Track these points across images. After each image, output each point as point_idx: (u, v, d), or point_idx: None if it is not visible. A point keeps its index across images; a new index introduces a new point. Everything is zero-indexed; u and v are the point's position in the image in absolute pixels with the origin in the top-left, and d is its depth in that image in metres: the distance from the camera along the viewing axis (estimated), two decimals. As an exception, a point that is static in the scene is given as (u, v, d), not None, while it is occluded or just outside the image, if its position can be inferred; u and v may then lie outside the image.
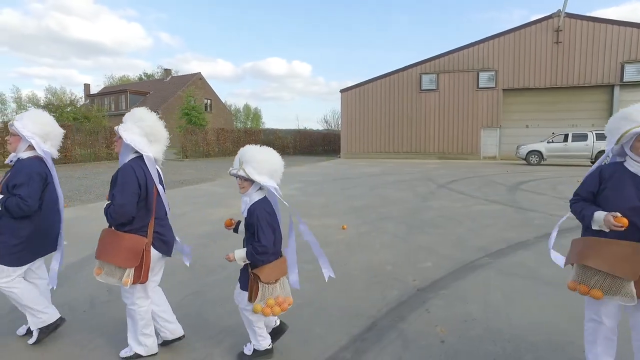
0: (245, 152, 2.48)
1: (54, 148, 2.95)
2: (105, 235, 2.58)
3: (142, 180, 2.52)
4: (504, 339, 2.92)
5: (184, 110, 28.43)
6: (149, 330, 2.67)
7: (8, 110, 40.80)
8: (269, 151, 2.53)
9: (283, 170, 2.58)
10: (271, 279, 2.45)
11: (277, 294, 2.48)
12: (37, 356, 2.73)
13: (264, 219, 2.42)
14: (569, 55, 23.25)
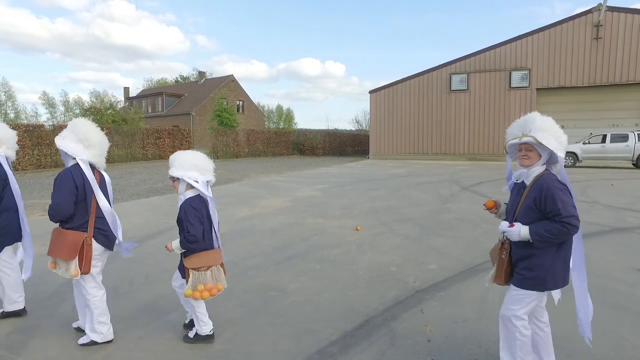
0: (172, 156, 2.91)
1: (10, 150, 3.39)
2: (53, 234, 2.95)
3: (79, 183, 2.83)
4: (489, 340, 3.01)
5: (215, 112, 29.33)
6: (104, 319, 2.96)
7: (57, 113, 43.44)
8: (193, 152, 2.99)
9: (212, 167, 3.00)
10: (197, 266, 2.81)
11: (207, 281, 2.83)
12: (66, 338, 3.08)
13: (190, 213, 2.79)
14: (610, 51, 22.18)
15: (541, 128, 2.29)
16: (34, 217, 7.82)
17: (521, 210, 2.34)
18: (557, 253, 2.28)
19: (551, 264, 2.27)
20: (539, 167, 2.35)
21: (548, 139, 2.26)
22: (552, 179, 2.27)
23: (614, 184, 12.61)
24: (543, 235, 2.20)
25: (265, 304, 3.73)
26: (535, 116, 2.36)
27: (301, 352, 2.85)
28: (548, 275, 2.28)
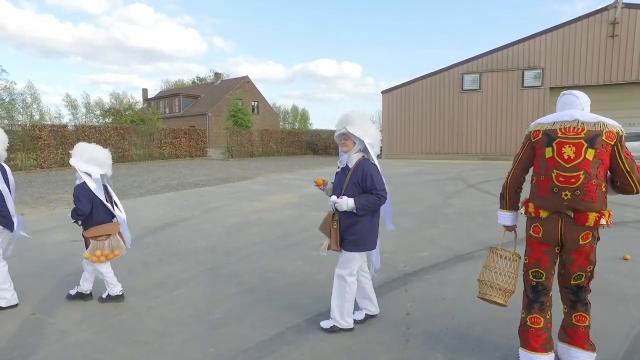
0: (76, 147, 3.56)
1: None
2: None
3: None
4: (462, 315, 3.32)
5: (230, 113, 29.97)
6: (7, 286, 3.44)
7: (79, 114, 44.89)
8: (95, 147, 3.56)
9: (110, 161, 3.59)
10: (95, 235, 3.47)
11: (105, 248, 3.48)
12: (88, 306, 3.52)
13: (81, 193, 3.41)
14: (627, 49, 21.89)
15: (353, 122, 2.91)
16: (60, 209, 8.39)
17: (347, 186, 2.94)
18: (373, 219, 2.98)
19: (369, 228, 2.96)
20: (357, 154, 2.99)
21: (358, 131, 2.90)
22: (369, 163, 2.94)
23: (622, 182, 12.59)
24: (364, 204, 2.86)
25: (264, 283, 4.11)
26: (351, 113, 2.99)
27: (290, 321, 3.22)
28: (367, 237, 2.96)
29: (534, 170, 2.44)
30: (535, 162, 2.42)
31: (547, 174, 2.32)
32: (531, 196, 2.44)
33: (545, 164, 2.34)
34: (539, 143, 2.38)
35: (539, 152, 2.38)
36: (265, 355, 2.71)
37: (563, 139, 2.30)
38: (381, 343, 2.87)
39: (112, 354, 2.75)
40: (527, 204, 2.46)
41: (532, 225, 2.44)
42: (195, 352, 2.76)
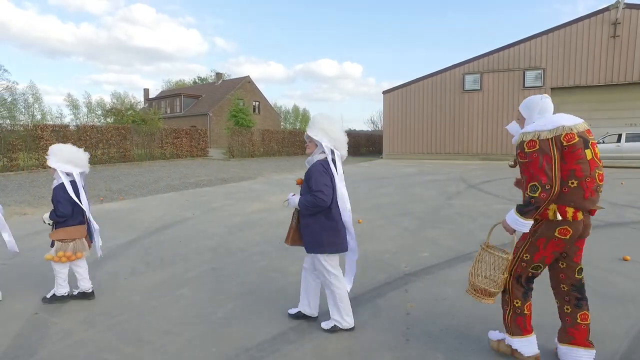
0: (51, 148, 3.56)
1: None
2: None
3: None
4: (463, 314, 3.34)
5: (232, 113, 30.01)
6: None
7: (80, 114, 44.93)
8: (70, 147, 3.61)
9: (87, 160, 3.65)
10: (61, 238, 3.50)
11: (68, 250, 3.52)
12: (92, 305, 3.55)
13: (59, 195, 3.47)
14: (628, 49, 21.88)
15: (313, 126, 3.01)
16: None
17: (302, 186, 3.08)
18: (325, 221, 2.95)
19: (321, 230, 2.93)
20: (320, 155, 3.02)
21: (318, 134, 2.98)
22: (318, 164, 2.97)
23: (623, 183, 12.60)
24: (303, 204, 2.94)
25: (266, 283, 4.14)
26: (314, 116, 3.08)
27: (292, 321, 3.25)
28: (320, 238, 2.94)
29: (573, 173, 2.34)
30: (574, 166, 2.34)
31: (591, 175, 2.35)
32: (569, 200, 2.36)
33: (588, 166, 2.34)
34: (575, 146, 2.34)
35: (577, 156, 2.34)
36: (267, 354, 2.73)
37: (592, 140, 2.43)
38: (382, 343, 2.89)
39: (116, 353, 2.78)
40: (564, 209, 2.37)
41: (557, 228, 2.39)
42: (198, 351, 2.79)
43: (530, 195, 2.34)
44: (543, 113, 2.50)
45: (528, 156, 2.37)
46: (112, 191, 11.11)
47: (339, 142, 3.04)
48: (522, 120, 2.62)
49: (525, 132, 2.43)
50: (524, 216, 2.39)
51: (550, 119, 2.42)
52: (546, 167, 2.32)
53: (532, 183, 2.34)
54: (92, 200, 9.63)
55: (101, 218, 7.44)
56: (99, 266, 4.68)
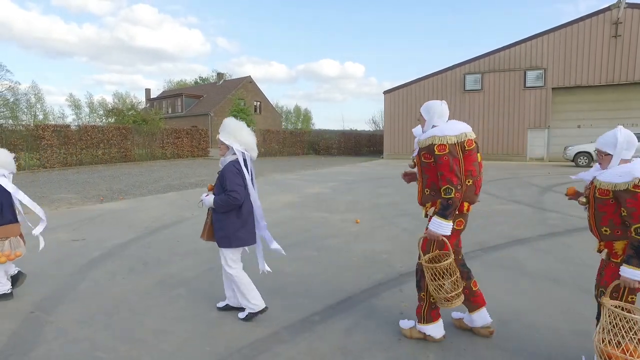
0: None
1: None
2: None
3: None
4: (457, 314, 3.35)
5: (232, 113, 30.04)
6: None
7: (82, 114, 45.09)
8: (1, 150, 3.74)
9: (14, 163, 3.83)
10: None
11: (6, 249, 3.61)
12: (88, 305, 3.58)
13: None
14: (630, 49, 21.83)
15: (225, 130, 3.20)
16: (62, 209, 8.47)
17: (216, 186, 3.24)
18: (236, 219, 3.15)
19: (231, 226, 3.14)
20: (230, 157, 3.21)
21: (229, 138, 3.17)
22: (231, 165, 3.17)
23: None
24: (218, 203, 3.10)
25: (262, 282, 4.14)
26: (225, 122, 3.26)
27: (287, 320, 3.27)
28: (231, 234, 3.14)
29: (470, 174, 2.70)
30: (471, 167, 2.69)
31: (480, 175, 2.77)
32: (466, 196, 2.71)
33: (478, 168, 2.75)
34: (472, 151, 2.70)
35: (473, 158, 2.70)
36: (259, 353, 2.76)
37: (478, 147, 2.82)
38: (375, 342, 2.91)
39: (110, 351, 2.80)
40: (462, 204, 2.73)
41: (457, 220, 2.75)
42: (192, 350, 2.81)
43: (447, 197, 2.60)
44: (441, 117, 2.79)
45: (438, 159, 2.64)
46: (112, 191, 11.16)
47: (249, 145, 3.26)
48: (423, 121, 2.88)
49: (434, 135, 2.67)
50: (446, 219, 2.63)
51: (454, 125, 2.71)
52: (456, 169, 2.60)
53: (445, 186, 2.59)
54: (92, 200, 9.68)
55: (101, 218, 7.48)
56: (96, 265, 4.72)
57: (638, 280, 2.18)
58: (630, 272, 2.18)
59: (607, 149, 2.34)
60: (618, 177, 2.24)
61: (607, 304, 2.21)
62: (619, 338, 2.12)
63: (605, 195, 2.29)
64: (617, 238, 2.31)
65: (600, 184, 2.32)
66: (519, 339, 2.95)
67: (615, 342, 2.14)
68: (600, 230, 2.37)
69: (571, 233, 6.25)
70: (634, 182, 2.17)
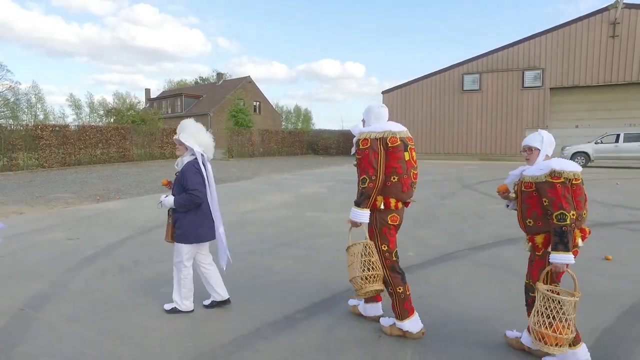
0: None
1: None
2: None
3: None
4: (440, 313, 3.41)
5: (231, 113, 30.11)
6: None
7: (83, 114, 45.15)
8: None
9: None
10: None
11: None
12: (77, 302, 3.65)
13: None
14: (627, 49, 21.84)
15: (183, 131, 3.31)
16: (58, 208, 8.54)
17: (175, 186, 3.37)
18: (196, 216, 3.27)
19: (192, 223, 3.27)
20: (188, 157, 3.34)
21: (188, 139, 3.28)
22: (190, 165, 3.29)
23: (618, 183, 12.62)
24: (180, 202, 3.23)
25: (251, 280, 4.22)
26: (184, 123, 3.38)
27: (271, 317, 3.33)
28: (191, 231, 3.27)
29: (394, 170, 2.84)
30: (395, 164, 2.84)
31: (407, 173, 2.88)
32: (391, 192, 2.87)
33: (405, 166, 2.87)
34: (397, 148, 2.85)
35: (399, 156, 2.86)
36: (240, 349, 2.82)
37: (412, 145, 2.98)
38: (355, 339, 2.97)
39: (96, 347, 2.87)
40: (389, 200, 2.88)
41: (389, 216, 2.91)
42: (174, 346, 2.88)
43: (361, 186, 2.83)
44: (378, 119, 3.01)
45: (362, 152, 2.84)
46: (109, 190, 11.23)
47: (207, 147, 3.39)
48: (364, 122, 3.10)
49: (362, 132, 2.91)
50: (360, 207, 2.84)
51: (382, 125, 2.92)
52: (373, 161, 2.81)
53: (362, 176, 2.82)
54: (89, 199, 9.75)
55: (96, 217, 7.55)
56: (88, 263, 4.78)
57: (567, 263, 2.42)
58: (559, 257, 2.42)
59: (535, 144, 2.65)
60: (539, 171, 2.53)
61: (542, 289, 2.44)
62: (550, 319, 2.35)
63: (529, 188, 2.56)
64: (538, 230, 2.57)
65: (524, 178, 2.62)
66: (498, 337, 3.00)
67: (547, 323, 2.37)
68: (525, 222, 2.64)
69: (561, 233, 6.29)
70: (551, 174, 2.45)
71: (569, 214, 2.37)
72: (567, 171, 2.44)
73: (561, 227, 2.38)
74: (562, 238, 2.39)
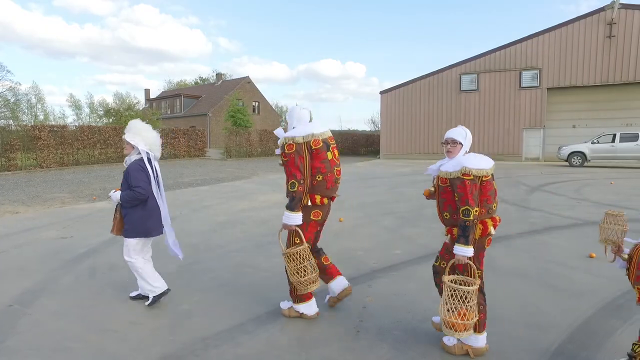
0: None
1: None
2: None
3: None
4: (420, 309, 3.47)
5: (229, 113, 30.18)
6: None
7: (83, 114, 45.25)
8: None
9: None
10: None
11: None
12: (66, 299, 3.72)
13: None
14: (624, 49, 21.90)
15: (130, 131, 3.44)
16: (54, 208, 8.61)
17: (122, 183, 3.48)
18: (143, 211, 3.41)
19: (138, 219, 3.41)
20: (135, 156, 3.47)
21: (134, 138, 3.41)
22: (135, 163, 3.42)
23: (613, 182, 12.69)
24: (125, 198, 3.37)
25: (237, 277, 4.29)
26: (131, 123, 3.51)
27: (254, 312, 3.40)
28: (137, 226, 3.41)
29: (319, 170, 3.02)
30: (319, 164, 3.02)
31: (331, 171, 3.08)
32: (317, 190, 3.05)
33: (329, 164, 3.06)
34: (320, 149, 3.03)
35: (322, 156, 3.03)
36: (222, 343, 2.89)
37: (333, 144, 3.17)
38: (334, 334, 3.04)
39: (81, 341, 2.94)
40: (314, 197, 3.06)
41: (313, 212, 3.10)
42: (158, 340, 2.95)
43: (291, 190, 2.94)
44: (300, 121, 3.15)
45: (288, 156, 2.98)
46: (105, 190, 11.30)
47: (154, 146, 3.52)
48: (287, 125, 3.26)
49: (286, 136, 3.04)
50: (294, 211, 2.97)
51: (305, 128, 3.05)
52: (300, 165, 2.96)
53: (291, 181, 2.94)
54: (85, 199, 9.83)
55: (91, 216, 7.62)
56: (79, 262, 4.85)
57: (466, 256, 2.56)
58: (460, 250, 2.56)
59: (459, 139, 2.76)
60: (452, 167, 2.65)
61: (446, 280, 2.62)
62: (457, 307, 2.54)
63: (445, 184, 2.70)
64: (454, 223, 2.68)
65: (441, 174, 2.74)
66: (474, 331, 3.06)
67: (454, 311, 2.55)
68: (442, 216, 2.79)
69: (550, 231, 6.36)
70: (462, 171, 2.58)
71: (472, 210, 2.50)
72: (476, 169, 2.57)
73: (465, 221, 2.53)
74: (464, 232, 2.54)
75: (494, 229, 2.70)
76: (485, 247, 2.73)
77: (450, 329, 2.57)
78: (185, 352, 2.77)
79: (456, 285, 2.60)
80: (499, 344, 2.87)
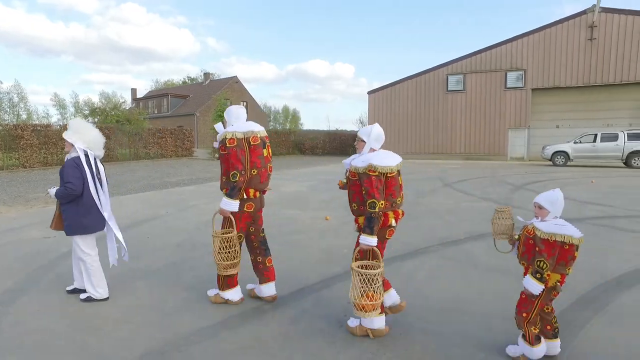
0: None
1: None
2: None
3: None
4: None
5: (217, 113, 29.99)
6: None
7: (67, 114, 44.53)
8: None
9: None
10: None
11: None
12: (48, 298, 3.70)
13: None
14: (604, 51, 22.43)
15: (70, 129, 3.54)
16: (37, 208, 8.50)
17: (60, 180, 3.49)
18: (78, 208, 3.48)
19: (75, 215, 3.47)
20: (74, 153, 3.54)
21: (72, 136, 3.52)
22: (71, 160, 3.49)
23: (594, 181, 12.99)
24: (58, 194, 3.44)
25: (222, 276, 4.31)
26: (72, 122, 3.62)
27: (239, 308, 3.44)
28: (73, 223, 3.48)
29: (255, 165, 3.27)
30: (256, 159, 3.28)
31: (265, 166, 3.37)
32: (252, 183, 3.29)
33: (264, 160, 3.35)
34: (258, 146, 3.29)
35: (259, 153, 3.30)
36: (205, 339, 2.92)
37: (268, 143, 3.46)
38: (318, 329, 3.09)
39: (64, 339, 2.94)
40: (248, 190, 3.29)
41: (246, 204, 3.32)
42: (142, 337, 2.96)
43: (232, 180, 3.15)
44: (238, 119, 3.40)
45: (228, 150, 3.18)
46: (90, 190, 11.16)
47: (94, 144, 3.60)
48: (226, 122, 3.47)
49: (227, 131, 3.26)
50: (232, 198, 3.19)
51: (245, 125, 3.31)
52: (241, 158, 3.18)
53: (232, 171, 3.14)
54: (69, 199, 9.70)
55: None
56: (62, 260, 4.82)
57: (370, 245, 2.77)
58: (365, 239, 2.77)
59: (363, 137, 2.99)
60: (361, 163, 2.84)
61: (354, 267, 2.82)
62: (366, 290, 2.74)
63: (354, 177, 2.90)
64: (361, 214, 2.89)
65: (351, 168, 2.93)
66: (454, 325, 3.15)
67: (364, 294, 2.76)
68: (351, 206, 2.98)
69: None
70: (369, 167, 2.77)
71: (378, 202, 2.70)
72: (381, 166, 2.77)
73: (370, 213, 2.73)
74: (370, 223, 2.75)
75: (395, 221, 2.90)
76: (386, 237, 2.94)
77: (360, 311, 2.76)
78: (169, 348, 2.79)
79: (363, 270, 2.77)
80: (480, 336, 2.95)
